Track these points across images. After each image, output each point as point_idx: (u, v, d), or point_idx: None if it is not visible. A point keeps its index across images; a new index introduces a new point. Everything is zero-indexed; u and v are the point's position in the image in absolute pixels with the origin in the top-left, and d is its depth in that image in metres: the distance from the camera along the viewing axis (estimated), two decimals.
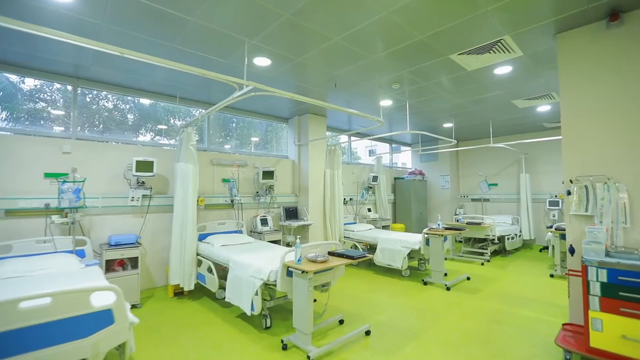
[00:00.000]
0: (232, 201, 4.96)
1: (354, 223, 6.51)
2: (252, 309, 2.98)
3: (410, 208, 7.70)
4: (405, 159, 10.10)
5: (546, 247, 7.07)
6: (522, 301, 3.89)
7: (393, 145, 8.74)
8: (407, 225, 7.64)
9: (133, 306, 3.70)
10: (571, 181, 2.78)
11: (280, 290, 2.82)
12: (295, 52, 3.32)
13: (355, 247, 5.51)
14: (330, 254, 3.11)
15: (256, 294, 2.97)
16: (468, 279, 4.84)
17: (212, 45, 3.13)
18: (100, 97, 4.26)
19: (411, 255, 5.00)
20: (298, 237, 3.24)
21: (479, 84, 4.26)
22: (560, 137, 5.71)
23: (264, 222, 5.14)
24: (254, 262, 3.17)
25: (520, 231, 7.11)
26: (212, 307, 3.74)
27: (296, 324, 2.72)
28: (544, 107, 5.42)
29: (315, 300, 3.72)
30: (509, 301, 3.89)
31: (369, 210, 6.92)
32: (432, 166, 8.72)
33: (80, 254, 3.53)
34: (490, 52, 3.35)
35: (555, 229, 5.07)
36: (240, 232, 4.90)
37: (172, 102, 4.72)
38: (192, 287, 3.98)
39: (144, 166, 3.95)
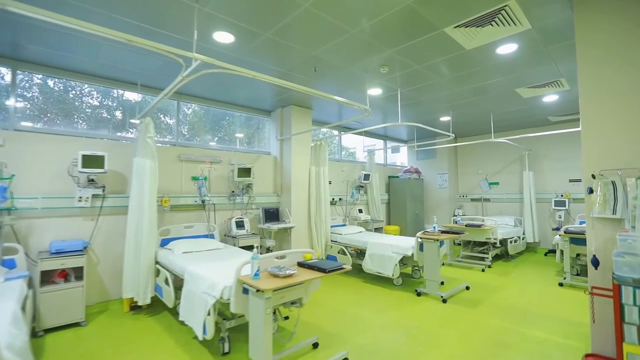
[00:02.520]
0: (202, 202, 4.42)
1: (343, 225, 5.98)
2: (205, 332, 2.45)
3: (405, 209, 7.17)
4: (404, 159, 9.55)
5: (552, 251, 6.54)
6: (530, 317, 3.36)
7: (391, 145, 8.20)
8: (402, 227, 7.11)
9: (76, 324, 3.17)
10: (593, 176, 2.25)
11: (235, 312, 2.29)
12: (260, 25, 2.79)
13: (343, 252, 4.98)
14: (300, 265, 2.57)
15: (209, 314, 2.44)
16: (467, 288, 4.31)
17: (155, 12, 2.59)
18: (59, 86, 3.73)
19: (404, 261, 4.48)
20: (256, 246, 2.72)
21: (479, 67, 3.73)
22: (567, 130, 5.29)
23: (240, 224, 4.61)
24: (210, 275, 2.63)
25: (524, 233, 6.58)
26: (168, 325, 3.21)
27: (252, 354, 2.18)
28: (550, 97, 4.89)
29: (286, 318, 3.19)
30: (514, 317, 3.36)
31: (360, 211, 6.38)
32: (429, 164, 8.19)
33: (10, 265, 3.00)
34: (492, 25, 2.82)
35: (565, 232, 4.54)
36: (212, 236, 4.36)
37: (134, 89, 4.19)
38: (148, 301, 3.44)
39: (93, 161, 3.42)
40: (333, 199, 6.14)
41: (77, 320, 3.16)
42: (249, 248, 4.45)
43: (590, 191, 2.25)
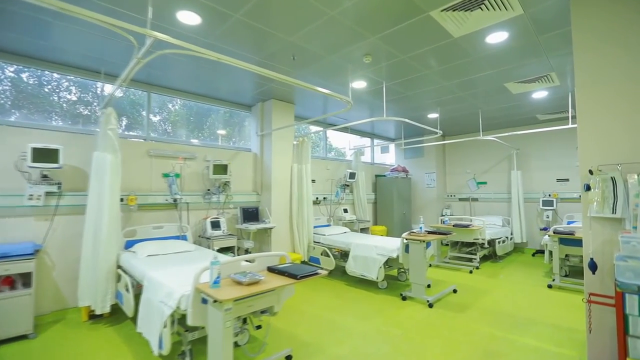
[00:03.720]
0: (174, 200, 4.11)
1: (328, 225, 5.73)
2: (161, 346, 2.16)
3: (392, 208, 6.96)
4: (394, 159, 9.35)
5: (540, 251, 6.43)
6: (520, 323, 3.16)
7: (379, 143, 8.00)
8: (389, 227, 6.90)
9: (23, 337, 2.83)
10: (591, 172, 2.06)
11: (193, 325, 2.01)
12: (228, 3, 2.52)
13: (326, 254, 4.73)
14: (270, 270, 2.31)
15: (165, 326, 2.15)
16: (455, 291, 4.11)
17: None
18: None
19: (389, 263, 4.26)
20: (215, 248, 2.44)
21: (467, 58, 3.53)
22: (557, 127, 5.14)
23: (216, 225, 4.31)
24: (169, 282, 2.34)
25: (512, 234, 6.46)
26: (128, 337, 2.89)
27: None
28: (540, 94, 4.74)
29: (259, 327, 2.92)
30: (504, 323, 3.16)
31: (345, 211, 6.15)
32: (417, 163, 8.02)
33: None
34: (481, 9, 2.61)
35: (554, 232, 4.39)
36: (184, 237, 4.05)
37: (97, 78, 3.85)
38: (107, 309, 3.12)
39: (45, 155, 3.08)
40: (317, 198, 5.89)
41: (24, 333, 2.82)
42: (225, 250, 4.16)
43: (588, 188, 2.06)
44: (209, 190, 4.54)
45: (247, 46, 3.23)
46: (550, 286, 4.31)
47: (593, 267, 1.99)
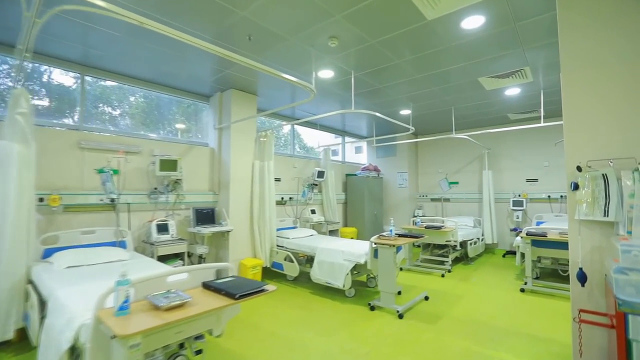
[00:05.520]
0: (112, 200, 3.54)
1: (293, 228, 5.32)
2: None
3: (363, 209, 6.66)
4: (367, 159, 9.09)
5: (510, 252, 6.37)
6: (496, 334, 2.91)
7: (350, 141, 7.68)
8: (360, 229, 6.60)
9: None
10: (579, 168, 1.79)
11: None
12: None
13: (290, 259, 4.32)
14: (206, 286, 1.87)
15: None
16: (426, 298, 3.83)
17: None
18: None
19: (358, 268, 3.92)
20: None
21: (441, 46, 3.25)
22: (530, 125, 5.02)
23: (163, 228, 3.79)
24: (74, 304, 1.84)
25: (483, 234, 6.34)
26: None
27: None
28: (512, 90, 4.59)
29: (199, 352, 2.46)
30: (478, 334, 2.89)
31: (313, 212, 5.76)
32: (389, 162, 7.79)
33: None
34: None
35: (527, 234, 4.23)
36: (122, 244, 3.50)
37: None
38: (10, 335, 2.54)
39: None
40: (282, 198, 5.46)
41: None
42: (173, 257, 3.66)
43: (575, 187, 1.79)
44: (156, 189, 3.99)
45: (193, 21, 2.76)
46: (522, 290, 4.15)
47: (582, 278, 1.72)
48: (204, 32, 2.97)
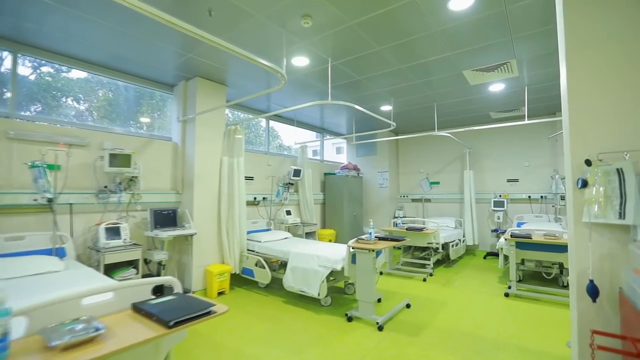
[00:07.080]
0: (49, 200, 3.03)
1: (267, 230, 4.93)
2: None
3: (342, 210, 6.35)
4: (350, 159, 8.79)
5: (491, 254, 6.23)
6: (482, 346, 2.65)
7: (328, 139, 7.36)
8: (339, 231, 6.28)
9: None
10: (588, 162, 1.52)
11: None
12: None
13: (261, 265, 3.93)
14: (137, 310, 1.47)
15: None
16: (408, 306, 3.54)
17: None
18: None
19: (334, 275, 3.58)
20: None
21: (426, 32, 2.97)
22: (513, 123, 4.85)
23: (114, 232, 3.31)
24: None
25: (464, 236, 6.18)
26: None
27: None
28: (497, 86, 4.41)
29: None
30: (465, 348, 2.62)
31: (288, 213, 5.39)
32: (370, 161, 7.52)
33: None
34: None
35: (511, 236, 4.04)
36: (59, 252, 3.00)
37: None
38: None
39: None
40: (255, 198, 5.06)
41: None
42: (126, 265, 3.21)
43: (584, 184, 1.52)
44: (105, 187, 3.50)
45: None
46: (507, 294, 3.94)
47: (594, 292, 1.45)
48: (156, 4, 2.54)
